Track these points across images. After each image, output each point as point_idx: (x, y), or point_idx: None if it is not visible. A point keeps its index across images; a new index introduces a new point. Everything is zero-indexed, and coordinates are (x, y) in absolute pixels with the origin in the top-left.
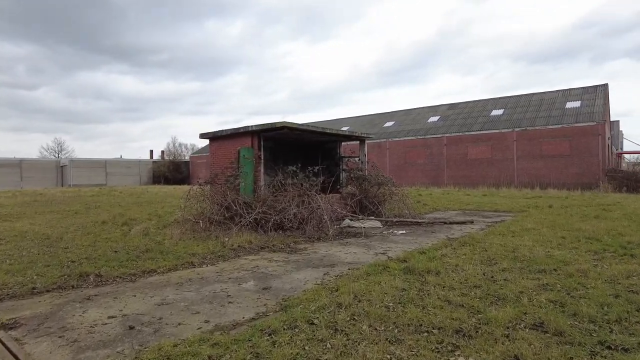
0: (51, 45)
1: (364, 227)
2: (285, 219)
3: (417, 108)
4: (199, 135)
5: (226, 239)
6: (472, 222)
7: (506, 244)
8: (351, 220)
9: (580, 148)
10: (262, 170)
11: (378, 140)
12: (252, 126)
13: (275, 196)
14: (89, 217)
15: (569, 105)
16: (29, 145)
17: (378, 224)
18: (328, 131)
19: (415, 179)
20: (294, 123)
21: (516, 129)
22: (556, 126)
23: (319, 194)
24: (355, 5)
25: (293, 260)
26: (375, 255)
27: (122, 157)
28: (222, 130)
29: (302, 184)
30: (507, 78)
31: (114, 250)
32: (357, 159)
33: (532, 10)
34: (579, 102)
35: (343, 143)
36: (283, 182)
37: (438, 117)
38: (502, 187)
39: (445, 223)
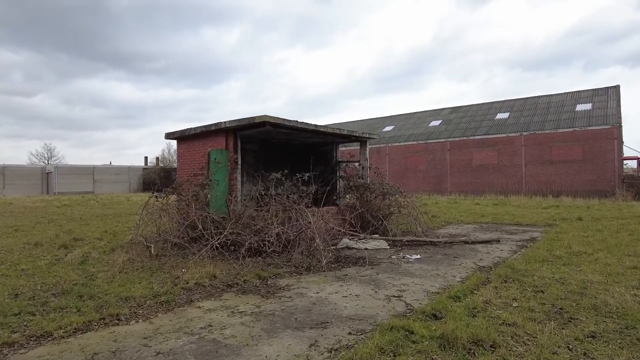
0: (48, 52)
1: (367, 249)
2: (265, 241)
3: (418, 112)
4: (164, 135)
5: (183, 271)
6: (499, 240)
7: (565, 280)
8: (350, 239)
9: (594, 153)
10: (238, 177)
11: (377, 145)
12: (225, 122)
13: (259, 210)
14: (27, 237)
15: (580, 107)
16: (24, 152)
17: (384, 244)
18: (322, 129)
19: (417, 186)
20: (277, 118)
21: (524, 133)
22: (567, 130)
23: (311, 207)
24: (351, 12)
25: (267, 311)
26: (387, 300)
27: (112, 163)
28: (191, 129)
29: (288, 196)
30: (503, 84)
31: (15, 293)
32: (357, 163)
33: (526, 17)
34: (590, 104)
35: (341, 147)
36: (263, 193)
37: (440, 121)
38: (511, 195)
39: (466, 243)
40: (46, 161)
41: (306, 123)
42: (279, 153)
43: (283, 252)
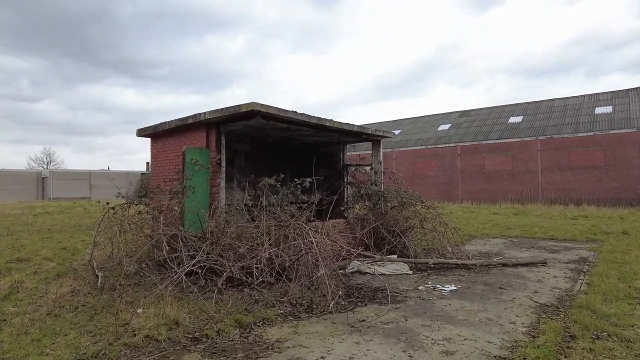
0: (54, 59)
1: (384, 275)
2: (253, 268)
3: (425, 116)
4: (136, 132)
5: (139, 311)
6: (545, 262)
7: None
8: (362, 261)
9: (617, 158)
10: (221, 183)
11: (383, 150)
12: (205, 113)
13: (245, 227)
14: None
15: (599, 110)
16: (26, 157)
17: (405, 267)
18: (327, 124)
19: (426, 193)
20: (270, 106)
21: (540, 137)
22: (587, 134)
23: (313, 221)
24: (354, 21)
25: None
26: None
27: (116, 169)
28: (165, 123)
29: (283, 207)
30: (506, 91)
31: None
32: (368, 167)
33: (528, 26)
34: (610, 107)
35: (348, 151)
36: (251, 203)
37: (449, 125)
38: (527, 203)
39: (505, 265)
40: (45, 166)
41: (307, 115)
42: (276, 155)
43: (276, 283)
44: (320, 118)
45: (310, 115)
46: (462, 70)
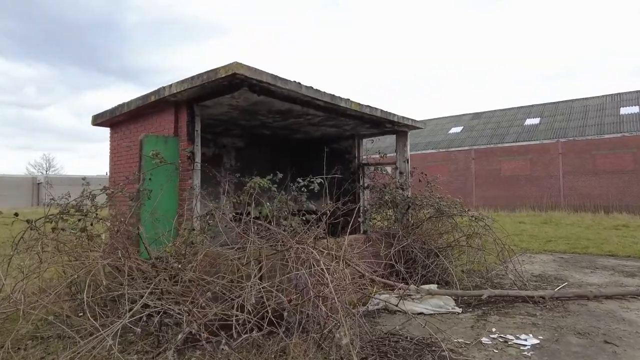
0: (61, 66)
1: (421, 314)
2: (234, 317)
3: (435, 118)
4: (91, 119)
5: None
6: (639, 295)
7: None
8: (390, 295)
9: None
10: (195, 184)
11: (392, 154)
12: (172, 86)
13: (239, 249)
14: None
15: (625, 111)
16: (27, 163)
17: (450, 302)
18: (343, 105)
19: None
20: (261, 71)
21: (561, 140)
22: (614, 135)
23: (324, 239)
24: (358, 25)
25: None
26: None
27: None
28: (124, 104)
29: (280, 221)
30: (511, 95)
31: None
32: (390, 167)
33: (531, 29)
34: (637, 107)
35: (363, 144)
36: (233, 214)
37: (461, 128)
38: (549, 210)
39: (585, 298)
40: (44, 171)
41: (316, 90)
42: (275, 153)
43: (268, 339)
44: (333, 95)
45: (320, 91)
46: (465, 75)
